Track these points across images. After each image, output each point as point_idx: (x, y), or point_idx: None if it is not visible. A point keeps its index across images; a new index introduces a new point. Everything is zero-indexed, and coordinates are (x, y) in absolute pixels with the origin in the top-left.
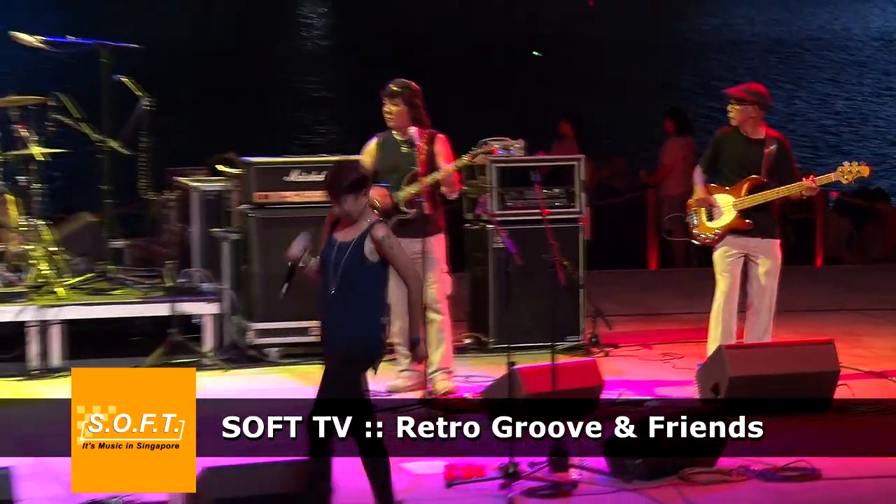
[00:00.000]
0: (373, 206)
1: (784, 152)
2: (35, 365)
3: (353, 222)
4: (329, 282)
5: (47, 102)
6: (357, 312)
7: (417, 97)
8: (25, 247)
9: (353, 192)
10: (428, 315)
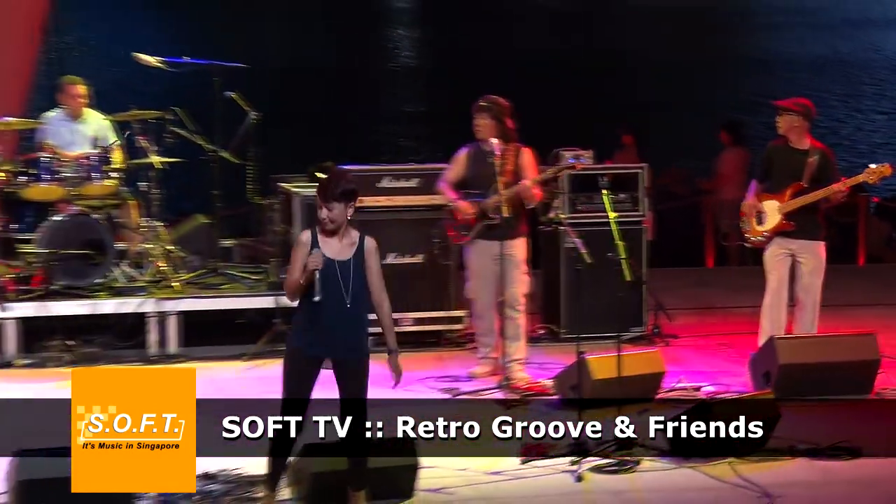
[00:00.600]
0: (457, 217)
1: (827, 162)
2: (154, 352)
3: (337, 235)
4: (331, 295)
5: (165, 116)
6: (365, 320)
7: (504, 112)
8: (145, 246)
9: (343, 200)
10: (508, 311)
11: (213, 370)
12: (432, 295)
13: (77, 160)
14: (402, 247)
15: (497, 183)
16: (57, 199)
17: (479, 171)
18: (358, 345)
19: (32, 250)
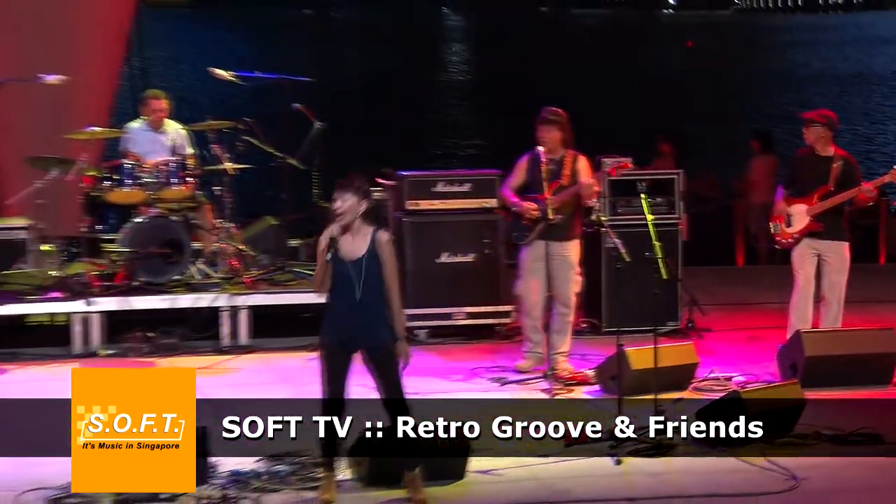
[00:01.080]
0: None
1: (850, 167)
2: (226, 343)
3: (351, 231)
4: (350, 290)
5: (238, 126)
6: (383, 310)
7: (567, 123)
8: (219, 245)
9: (357, 195)
10: (559, 308)
11: (280, 360)
12: (483, 291)
13: (157, 167)
14: (454, 246)
15: (557, 186)
16: (138, 203)
17: (539, 178)
18: (378, 334)
19: (115, 249)
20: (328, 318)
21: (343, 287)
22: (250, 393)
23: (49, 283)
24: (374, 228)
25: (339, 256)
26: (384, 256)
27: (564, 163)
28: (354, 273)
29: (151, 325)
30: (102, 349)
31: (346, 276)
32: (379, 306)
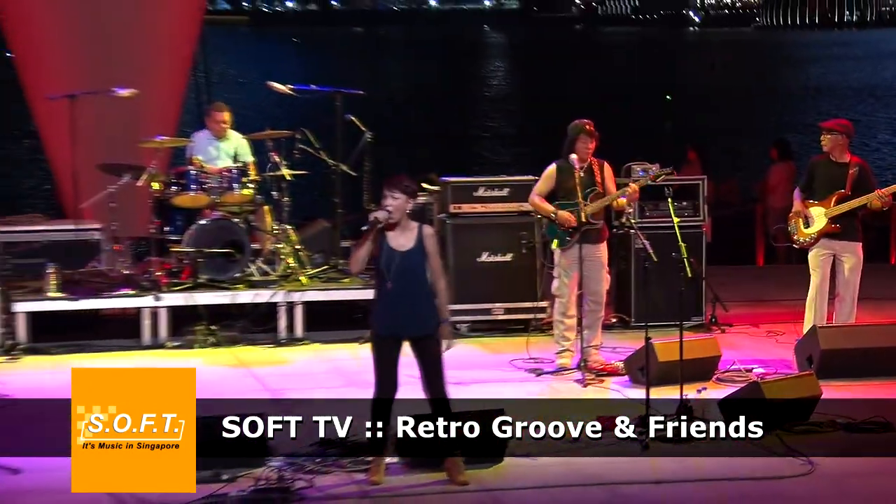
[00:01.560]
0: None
1: (865, 173)
2: (283, 336)
3: (398, 228)
4: (399, 281)
5: (294, 136)
6: (430, 300)
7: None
8: (277, 246)
9: (405, 193)
10: (591, 305)
11: (332, 351)
12: (520, 288)
13: (220, 173)
14: (494, 247)
15: (594, 193)
16: (202, 206)
17: (568, 184)
18: (424, 321)
19: (181, 249)
20: (377, 309)
21: (390, 279)
22: (304, 382)
23: (121, 280)
24: (420, 224)
25: (388, 249)
26: (430, 249)
27: (594, 171)
28: (401, 265)
29: (214, 319)
30: (169, 341)
31: (393, 269)
32: (424, 296)
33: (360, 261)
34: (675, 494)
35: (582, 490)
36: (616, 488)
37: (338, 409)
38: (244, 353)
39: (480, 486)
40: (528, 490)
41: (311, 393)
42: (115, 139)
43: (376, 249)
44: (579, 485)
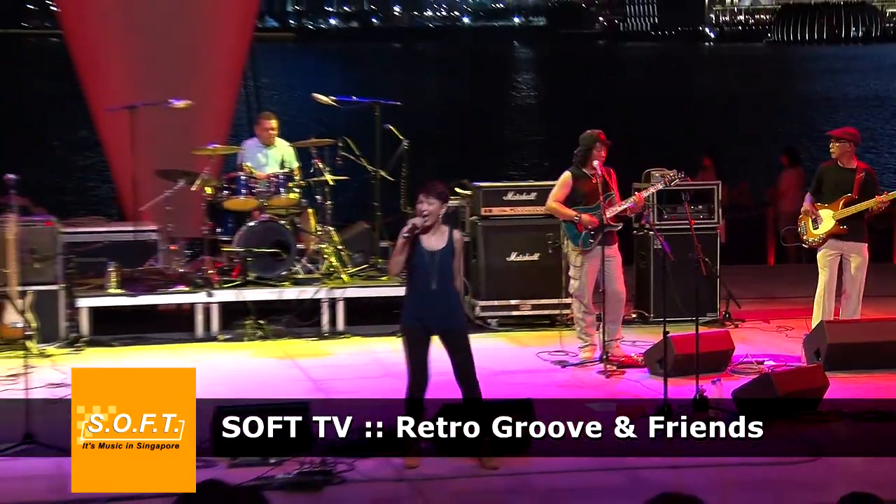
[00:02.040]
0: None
1: (870, 178)
2: (326, 330)
3: (431, 230)
4: (430, 279)
5: (337, 144)
6: (457, 297)
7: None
8: (320, 246)
9: (439, 199)
10: (614, 302)
11: (372, 344)
12: (547, 286)
13: (268, 178)
14: (521, 247)
15: (610, 198)
16: (251, 209)
17: (584, 190)
18: (452, 316)
19: (232, 249)
20: (408, 304)
21: (422, 276)
22: (345, 373)
23: (176, 277)
24: (450, 227)
25: (421, 249)
26: (458, 250)
27: (606, 177)
28: (433, 264)
29: (262, 314)
30: (221, 335)
31: (424, 267)
32: (454, 292)
33: (398, 264)
34: (691, 478)
35: (605, 474)
36: (636, 472)
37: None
38: (290, 346)
39: (510, 470)
40: (555, 474)
41: (351, 382)
42: (171, 147)
43: (410, 249)
44: (603, 469)
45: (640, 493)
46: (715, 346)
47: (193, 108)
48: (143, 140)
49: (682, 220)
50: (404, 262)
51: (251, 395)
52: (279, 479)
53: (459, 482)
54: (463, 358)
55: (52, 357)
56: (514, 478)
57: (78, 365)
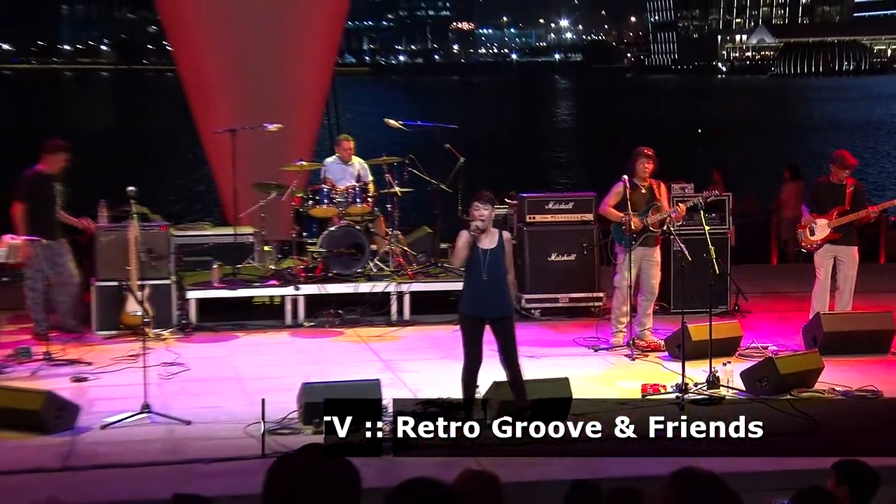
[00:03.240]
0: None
1: (859, 192)
2: (394, 318)
3: (486, 232)
4: (483, 273)
5: (404, 161)
6: (506, 289)
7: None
8: (389, 247)
9: (491, 204)
10: (647, 296)
11: (432, 330)
12: (581, 281)
13: (346, 190)
14: (560, 249)
15: (655, 206)
16: (332, 216)
17: (633, 198)
18: (501, 306)
19: (316, 250)
20: (465, 295)
21: (477, 271)
22: (410, 354)
23: (268, 274)
24: (500, 229)
25: (477, 248)
26: (507, 249)
27: (654, 189)
28: (486, 261)
29: (340, 305)
30: (305, 322)
31: (479, 263)
32: (504, 285)
33: (462, 259)
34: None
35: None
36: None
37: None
38: (363, 332)
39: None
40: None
41: (415, 363)
42: (265, 164)
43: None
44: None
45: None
46: (726, 334)
47: (284, 131)
48: (242, 158)
49: (698, 227)
50: (467, 258)
51: (332, 372)
52: (355, 444)
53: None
54: (507, 343)
55: (165, 340)
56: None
57: (185, 347)
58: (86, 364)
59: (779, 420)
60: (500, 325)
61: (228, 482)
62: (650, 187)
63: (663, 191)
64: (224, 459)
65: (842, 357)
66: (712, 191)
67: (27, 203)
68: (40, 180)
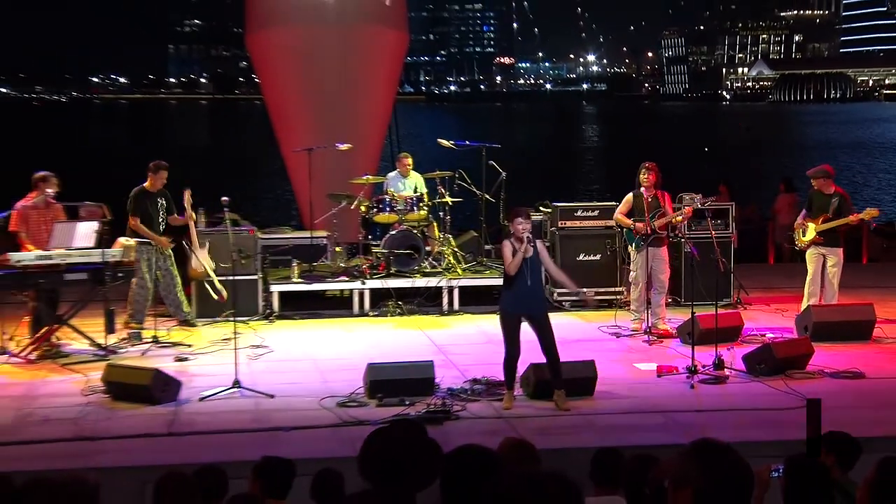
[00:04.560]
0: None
1: (844, 201)
2: (445, 309)
3: (524, 241)
4: (525, 277)
5: (454, 175)
6: (542, 289)
7: (659, 171)
8: (441, 248)
9: (530, 219)
10: (658, 289)
11: (478, 320)
12: (605, 278)
13: (405, 200)
14: (587, 250)
15: (660, 213)
16: (393, 222)
17: (641, 206)
18: (539, 304)
19: (379, 250)
20: (509, 296)
21: (522, 276)
22: (459, 339)
23: (339, 270)
24: (534, 239)
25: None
26: (543, 255)
27: (659, 198)
28: (529, 267)
29: (400, 297)
30: (371, 312)
31: (524, 269)
32: (541, 287)
33: (516, 266)
34: (711, 419)
35: (649, 415)
36: (672, 414)
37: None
38: (419, 320)
39: (578, 411)
40: (612, 415)
41: (463, 347)
42: (337, 177)
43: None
44: (647, 411)
45: (674, 430)
46: (729, 323)
47: (353, 149)
48: (317, 172)
49: (705, 231)
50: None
51: (392, 355)
52: (412, 416)
53: (541, 420)
54: (546, 334)
55: (252, 326)
56: (582, 417)
57: (270, 333)
58: (186, 346)
59: (775, 397)
60: (539, 321)
61: (305, 447)
62: (656, 196)
63: (668, 199)
64: (302, 427)
65: (829, 343)
66: (710, 199)
67: (135, 215)
68: (143, 196)
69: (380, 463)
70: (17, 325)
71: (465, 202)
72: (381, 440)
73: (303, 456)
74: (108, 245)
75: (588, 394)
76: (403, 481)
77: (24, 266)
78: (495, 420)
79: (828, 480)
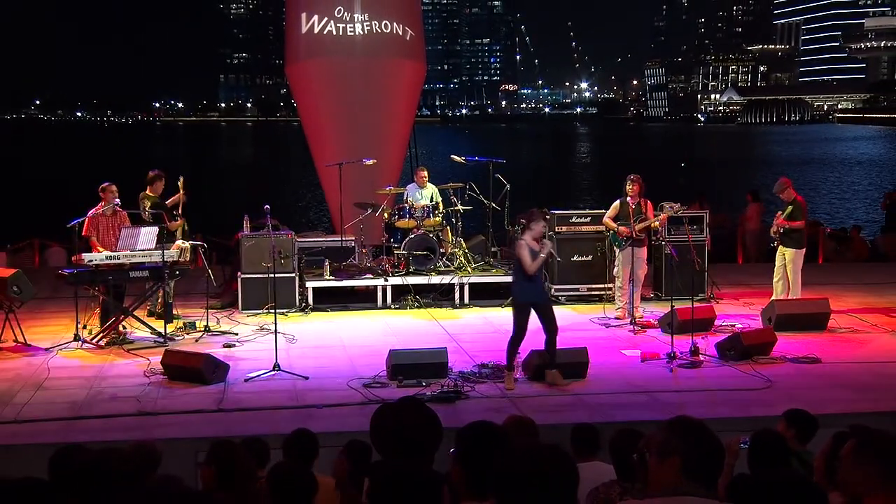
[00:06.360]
0: (620, 234)
1: (799, 207)
2: (457, 302)
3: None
4: (536, 272)
5: (465, 186)
6: (544, 283)
7: (642, 182)
8: (454, 250)
9: (546, 220)
10: (636, 284)
11: (486, 312)
12: (596, 276)
13: (422, 208)
14: (580, 251)
15: (641, 218)
16: (412, 227)
17: (626, 211)
18: (545, 294)
19: (400, 252)
20: (524, 288)
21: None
22: (469, 329)
23: (365, 269)
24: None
25: (535, 253)
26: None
27: (641, 205)
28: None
29: (418, 292)
30: (392, 304)
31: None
32: (542, 279)
33: (537, 267)
34: (688, 398)
35: (634, 395)
36: (654, 394)
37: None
38: (435, 312)
39: (572, 391)
40: (601, 395)
41: (473, 335)
42: (364, 188)
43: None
44: (633, 392)
45: (655, 408)
46: (704, 315)
47: (377, 164)
48: (346, 184)
49: (683, 235)
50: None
51: (411, 342)
52: (427, 395)
53: (540, 399)
54: (550, 318)
55: (289, 317)
56: (575, 396)
57: (305, 324)
58: (233, 335)
59: (742, 379)
60: (542, 309)
61: (336, 421)
62: (639, 204)
63: (650, 207)
64: (332, 405)
65: (790, 333)
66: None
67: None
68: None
69: (387, 433)
70: (89, 316)
71: (475, 210)
72: (388, 414)
73: (333, 430)
74: (166, 247)
75: (581, 377)
76: (409, 449)
77: (96, 265)
78: (500, 399)
79: (787, 450)
